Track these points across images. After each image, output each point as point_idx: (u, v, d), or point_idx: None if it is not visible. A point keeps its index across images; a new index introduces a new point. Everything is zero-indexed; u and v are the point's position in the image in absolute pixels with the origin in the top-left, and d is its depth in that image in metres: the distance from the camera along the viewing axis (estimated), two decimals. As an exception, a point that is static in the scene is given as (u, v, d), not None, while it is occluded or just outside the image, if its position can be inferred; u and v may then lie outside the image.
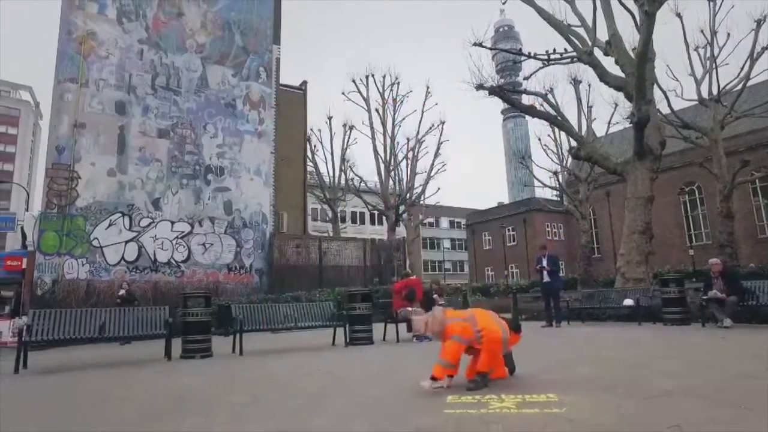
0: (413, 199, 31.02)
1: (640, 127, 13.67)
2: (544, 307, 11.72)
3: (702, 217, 35.61)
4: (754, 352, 5.63)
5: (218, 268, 17.60)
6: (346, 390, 4.32)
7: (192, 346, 7.13)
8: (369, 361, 6.40)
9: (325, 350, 7.93)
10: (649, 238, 14.36)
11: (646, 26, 12.53)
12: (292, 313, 8.54)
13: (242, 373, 5.62)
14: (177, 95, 17.74)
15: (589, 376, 4.39)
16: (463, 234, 62.25)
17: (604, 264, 38.89)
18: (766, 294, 8.78)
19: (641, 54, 12.87)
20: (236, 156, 18.64)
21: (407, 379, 4.77)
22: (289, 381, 4.92)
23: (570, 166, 31.19)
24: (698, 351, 5.84)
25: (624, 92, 15.68)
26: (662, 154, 15.21)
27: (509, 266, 46.07)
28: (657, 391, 3.51)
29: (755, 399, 3.22)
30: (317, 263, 18.82)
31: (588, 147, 16.42)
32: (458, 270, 64.31)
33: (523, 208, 47.28)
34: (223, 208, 18.08)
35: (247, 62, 19.45)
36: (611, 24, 15.56)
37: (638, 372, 4.50)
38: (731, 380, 3.96)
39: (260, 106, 19.48)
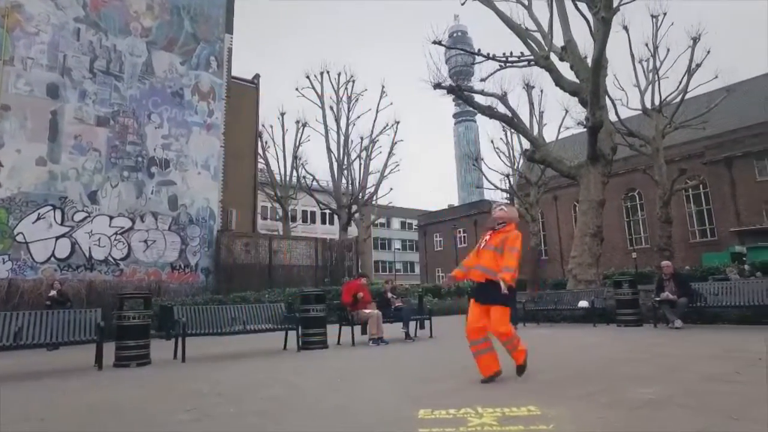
0: (366, 199, 30.69)
1: (594, 131, 13.93)
2: (500, 308, 11.64)
3: (642, 222, 37.31)
4: (712, 353, 5.64)
5: (161, 267, 16.54)
6: (304, 401, 3.88)
7: (127, 352, 6.42)
8: (325, 367, 5.97)
9: (277, 355, 7.41)
10: (600, 240, 14.66)
11: (602, 33, 12.75)
12: (240, 315, 7.96)
13: (185, 384, 5.04)
14: (119, 81, 16.50)
15: (563, 383, 4.17)
16: (414, 235, 62.58)
17: (551, 266, 40.04)
18: (713, 296, 9.05)
19: (597, 60, 13.09)
20: (183, 148, 17.59)
21: (369, 387, 4.40)
22: (239, 392, 4.41)
23: (521, 169, 31.82)
24: (659, 353, 5.80)
25: (578, 97, 15.97)
26: (613, 160, 15.62)
27: (460, 267, 46.58)
28: (639, 401, 3.31)
29: (737, 406, 3.09)
30: (267, 262, 18.07)
31: (542, 150, 16.64)
32: (409, 271, 64.59)
33: (474, 210, 47.96)
34: (167, 202, 17.01)
35: (197, 50, 18.43)
36: (567, 30, 15.83)
37: (610, 377, 4.33)
38: (705, 385, 3.84)
39: (210, 97, 18.52)
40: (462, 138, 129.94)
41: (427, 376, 4.96)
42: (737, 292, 8.88)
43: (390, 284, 10.19)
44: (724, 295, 8.94)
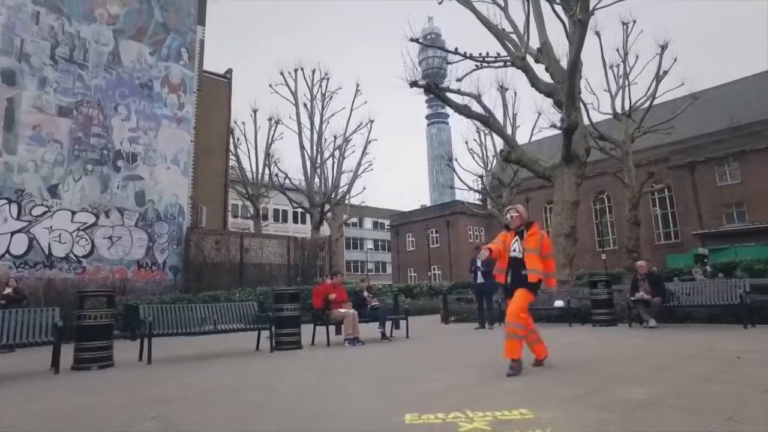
0: (338, 198, 30.42)
1: (569, 133, 14.03)
2: (477, 308, 11.58)
3: (610, 224, 38.14)
4: (692, 352, 5.63)
5: (127, 265, 15.88)
6: (280, 407, 3.63)
7: (88, 354, 6.00)
8: (301, 369, 5.71)
9: (249, 357, 7.10)
10: (574, 241, 14.79)
11: (579, 35, 12.83)
12: (210, 314, 7.60)
13: (150, 388, 4.70)
14: (83, 70, 15.74)
15: (551, 384, 4.04)
16: (387, 235, 62.51)
17: (522, 267, 40.48)
18: (685, 296, 9.18)
19: (573, 62, 13.18)
20: (151, 142, 16.93)
21: (349, 390, 4.17)
22: (209, 397, 4.12)
23: (495, 171, 32.05)
24: (641, 352, 5.76)
25: (553, 99, 16.10)
26: (587, 162, 15.79)
27: (432, 267, 46.77)
28: (633, 402, 3.19)
29: (731, 406, 2.99)
30: (238, 261, 17.60)
31: (518, 150, 16.69)
32: (381, 271, 64.48)
33: (447, 211, 48.19)
34: (134, 198, 16.34)
35: (167, 41, 17.79)
36: (542, 32, 15.91)
37: (598, 377, 4.22)
38: (694, 384, 3.77)
39: (180, 90, 17.90)
40: (434, 139, 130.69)
41: (410, 377, 4.77)
42: (706, 292, 9.04)
43: (366, 283, 9.95)
44: (695, 295, 9.08)
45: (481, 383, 4.22)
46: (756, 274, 9.91)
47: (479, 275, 11.38)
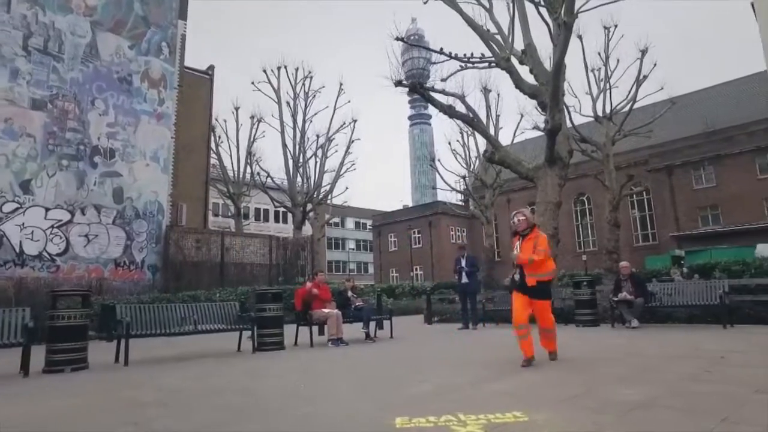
0: (321, 198, 30.20)
1: (553, 134, 14.09)
2: (461, 308, 11.54)
3: (591, 226, 38.65)
4: (677, 352, 5.65)
5: (104, 263, 15.46)
6: (264, 411, 3.50)
7: (60, 356, 5.75)
8: (285, 371, 5.56)
9: (231, 358, 6.92)
10: (556, 242, 14.85)
11: (564, 37, 12.88)
12: (190, 314, 7.40)
13: (127, 391, 4.51)
14: (58, 62, 15.26)
15: (542, 385, 3.98)
16: (368, 235, 62.39)
17: (503, 267, 40.76)
18: (666, 296, 9.28)
19: (558, 64, 13.22)
20: (130, 138, 16.52)
21: (336, 393, 4.05)
22: (190, 400, 3.96)
23: (477, 171, 32.16)
24: (627, 352, 5.77)
25: (537, 100, 16.15)
26: (569, 163, 15.90)
27: (414, 268, 46.81)
28: (626, 404, 3.14)
29: (724, 407, 2.96)
30: (218, 260, 17.29)
31: (502, 151, 16.71)
32: (362, 271, 64.31)
33: (429, 211, 48.25)
34: (112, 195, 15.91)
35: (147, 35, 17.38)
36: (527, 34, 15.96)
37: (587, 378, 4.18)
38: (684, 385, 3.74)
39: (161, 86, 17.52)
40: (417, 140, 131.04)
41: (397, 379, 4.67)
42: (687, 292, 9.16)
43: (351, 283, 9.83)
44: (676, 296, 9.20)
45: (471, 385, 4.14)
46: (734, 275, 10.05)
47: (464, 275, 11.36)
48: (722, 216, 31.79)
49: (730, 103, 36.94)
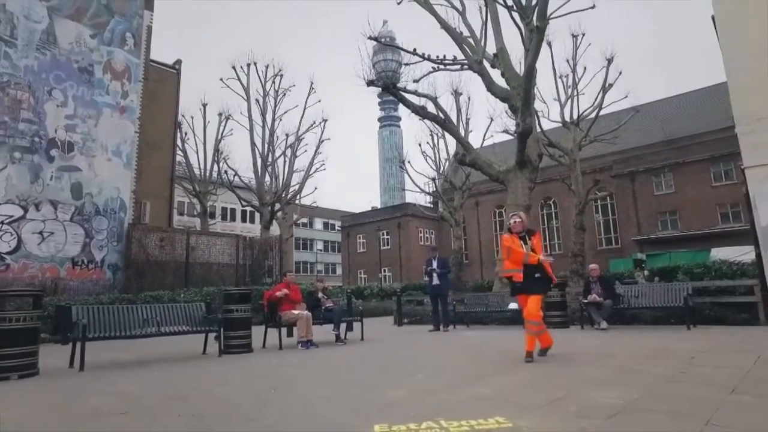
0: (289, 198, 29.78)
1: (524, 137, 14.24)
2: (432, 310, 11.47)
3: (557, 229, 39.45)
4: (648, 353, 5.69)
5: (60, 262, 14.69)
6: (233, 419, 3.28)
7: (6, 362, 5.29)
8: (253, 376, 5.33)
9: (196, 361, 6.62)
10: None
11: (536, 42, 13.04)
12: (153, 315, 7.05)
13: (81, 400, 4.18)
14: (10, 47, 14.36)
15: (521, 389, 3.91)
16: (336, 236, 62.05)
17: (471, 269, 41.23)
18: (633, 298, 9.46)
19: (530, 68, 13.37)
20: (91, 131, 15.77)
21: (309, 398, 3.87)
22: (152, 409, 3.70)
23: (447, 173, 32.32)
24: (601, 353, 5.79)
25: (508, 104, 16.35)
26: (539, 167, 16.12)
27: (383, 269, 46.76)
28: (609, 407, 3.08)
29: (709, 410, 2.93)
30: (183, 259, 16.71)
31: (473, 153, 16.82)
32: (330, 272, 63.84)
33: (399, 213, 48.30)
34: (70, 190, 15.14)
35: (110, 24, 16.64)
36: (499, 38, 16.12)
37: (566, 381, 4.13)
38: (662, 386, 3.72)
39: (125, 78, 16.81)
40: (386, 142, 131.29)
41: (372, 383, 4.52)
42: (653, 295, 9.38)
43: (322, 284, 9.62)
44: (642, 298, 9.40)
45: (448, 388, 4.02)
46: (696, 278, 10.34)
47: (435, 277, 11.29)
48: (680, 221, 32.99)
49: (688, 114, 38.42)
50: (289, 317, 8.17)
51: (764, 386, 3.69)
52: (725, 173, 31.48)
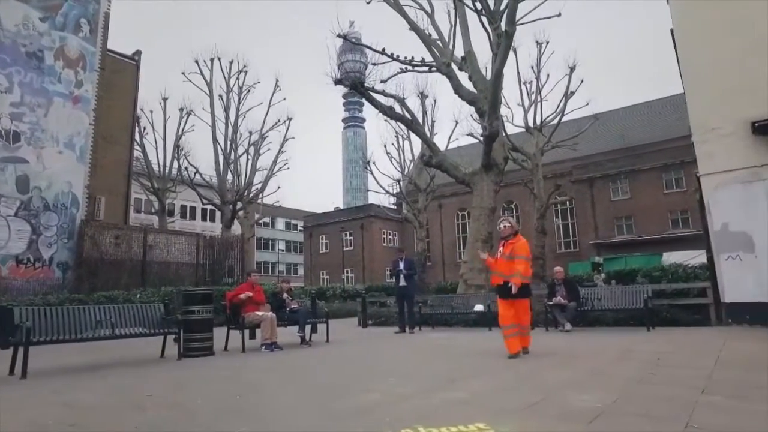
0: (252, 196, 29.19)
1: (491, 140, 14.37)
2: (398, 311, 11.38)
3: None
4: (616, 355, 5.76)
5: (2, 260, 13.79)
6: (195, 429, 3.06)
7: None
8: (216, 380, 5.07)
9: (154, 365, 6.27)
10: (490, 246, 15.14)
11: (504, 46, 13.16)
12: (107, 317, 6.64)
13: (24, 411, 3.80)
14: (-53, 28, 13.44)
15: (496, 393, 3.84)
16: (299, 236, 61.39)
17: (434, 271, 41.51)
18: (596, 300, 9.66)
19: (498, 71, 13.50)
20: (40, 121, 14.89)
21: (277, 405, 3.68)
22: (103, 419, 3.41)
23: (412, 175, 32.42)
24: (569, 355, 5.83)
25: (475, 107, 16.46)
26: (504, 170, 16.32)
27: (345, 270, 46.48)
28: (589, 411, 3.04)
29: (685, 412, 2.93)
30: (140, 258, 16.02)
31: (440, 155, 16.86)
32: (292, 273, 63.05)
33: (362, 214, 48.11)
34: (15, 183, 14.24)
35: (63, 8, 15.77)
36: (467, 41, 16.25)
37: (540, 384, 4.09)
38: (636, 388, 3.73)
39: (79, 66, 15.98)
40: (350, 143, 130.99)
41: (342, 388, 4.35)
42: (615, 297, 9.61)
43: (287, 284, 9.37)
44: (605, 300, 9.61)
45: (422, 393, 3.91)
46: (654, 281, 10.66)
47: (401, 278, 11.21)
48: (635, 226, 34.23)
49: (644, 123, 39.98)
50: (252, 319, 7.90)
51: (730, 386, 3.75)
52: (676, 181, 32.91)
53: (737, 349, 6.02)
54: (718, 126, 9.87)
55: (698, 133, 10.24)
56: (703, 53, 10.45)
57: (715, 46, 10.23)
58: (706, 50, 10.42)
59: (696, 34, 10.71)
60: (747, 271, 9.11)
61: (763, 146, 9.33)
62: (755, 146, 9.41)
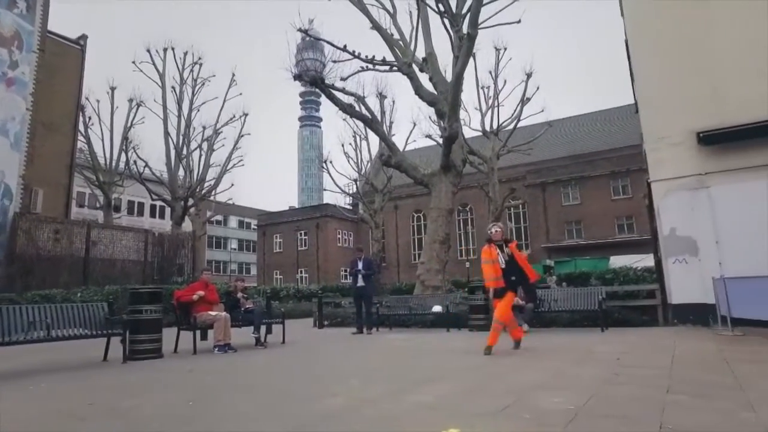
0: (204, 193, 28.22)
1: (451, 141, 14.43)
2: (356, 312, 11.18)
3: (471, 235, 40.86)
4: (576, 356, 5.80)
5: None
6: (144, 440, 2.77)
7: None
8: (165, 386, 4.70)
9: (95, 370, 5.79)
10: (447, 247, 15.22)
11: (466, 48, 13.24)
12: (42, 317, 6.10)
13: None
14: None
15: (465, 396, 3.72)
16: (252, 235, 60.14)
17: (389, 272, 41.53)
18: (553, 302, 9.81)
19: (459, 73, 13.58)
20: (-32, 104, 13.77)
21: (231, 414, 3.41)
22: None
23: (369, 175, 32.27)
24: (532, 357, 5.82)
25: (435, 108, 16.51)
26: (462, 172, 16.43)
27: (300, 270, 45.82)
28: (562, 413, 2.97)
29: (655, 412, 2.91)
30: (82, 255, 15.03)
31: (399, 155, 16.80)
32: (245, 272, 61.60)
33: (318, 213, 47.57)
34: (-62, 171, 13.09)
35: (-5, -18, 14.64)
36: (429, 43, 16.27)
37: (508, 387, 4.01)
38: (604, 390, 3.70)
39: (14, 45, 14.83)
40: (306, 142, 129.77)
41: (303, 393, 4.12)
42: (570, 299, 9.80)
43: (242, 284, 8.98)
44: (561, 302, 9.78)
45: (389, 396, 3.74)
46: (607, 283, 10.95)
47: (359, 278, 11.01)
48: (584, 230, 35.48)
49: (595, 131, 41.59)
50: (205, 319, 7.51)
51: (692, 386, 3.80)
52: (623, 188, 34.38)
53: (688, 348, 6.21)
54: (668, 135, 10.27)
55: (650, 141, 10.62)
56: (655, 65, 10.86)
57: (666, 59, 10.65)
58: (658, 62, 10.83)
59: (649, 47, 11.11)
60: (692, 273, 9.51)
61: (708, 156, 9.77)
62: (700, 156, 9.85)
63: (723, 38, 9.95)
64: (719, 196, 9.43)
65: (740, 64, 9.69)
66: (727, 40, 9.89)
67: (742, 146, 9.28)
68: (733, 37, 9.83)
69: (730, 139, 9.38)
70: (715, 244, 9.35)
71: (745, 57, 9.63)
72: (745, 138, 9.19)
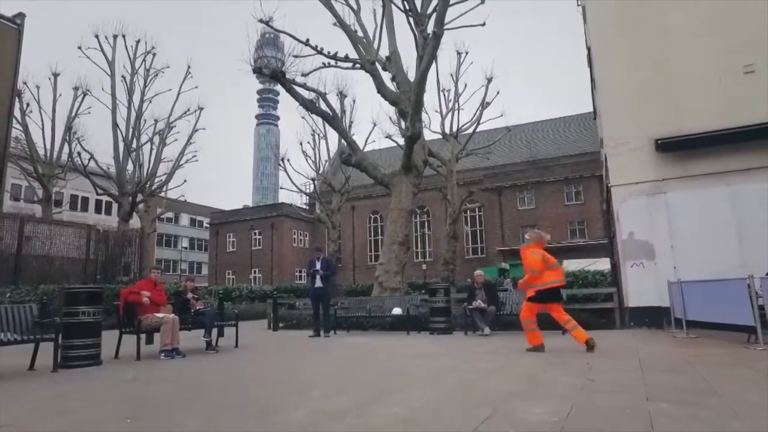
0: (154, 189, 26.91)
1: (413, 141, 14.23)
2: (313, 314, 10.74)
3: (428, 237, 41.02)
4: (545, 360, 5.66)
5: None
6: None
7: None
8: (101, 398, 4.18)
9: (18, 380, 5.14)
10: (406, 249, 15.01)
11: (431, 48, 13.07)
12: (-40, 320, 5.41)
13: None
14: None
15: (439, 407, 3.44)
16: (204, 233, 58.29)
17: (344, 273, 41.06)
18: (514, 305, 9.75)
19: (424, 73, 13.40)
20: None
21: (181, 429, 2.99)
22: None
23: (326, 175, 31.74)
24: (505, 362, 5.64)
25: (397, 107, 16.30)
26: (423, 173, 16.30)
27: (253, 270, 44.69)
28: (546, 425, 2.75)
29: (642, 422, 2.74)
30: (14, 251, 13.80)
31: (359, 154, 16.47)
32: (195, 271, 59.58)
33: (273, 212, 46.53)
34: None
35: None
36: (392, 41, 16.05)
37: (483, 396, 3.77)
38: (584, 399, 3.52)
39: (-60, 21, 13.54)
40: (262, 140, 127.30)
41: (261, 404, 3.73)
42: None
43: (192, 284, 8.42)
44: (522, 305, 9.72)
45: (357, 409, 3.42)
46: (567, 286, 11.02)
47: (318, 279, 10.59)
48: (538, 234, 36.22)
49: (551, 138, 42.71)
50: (151, 321, 6.93)
51: (669, 391, 3.70)
52: (576, 194, 35.39)
53: (650, 351, 6.22)
54: (628, 141, 10.45)
55: (610, 146, 10.77)
56: (617, 72, 11.04)
57: (627, 67, 10.84)
58: (619, 70, 11.01)
59: (611, 55, 11.30)
60: (648, 277, 9.69)
61: (666, 162, 10.00)
62: (659, 162, 10.07)
63: (681, 49, 10.23)
64: (675, 201, 9.66)
65: (698, 74, 9.98)
66: (685, 51, 10.17)
67: (698, 154, 9.54)
68: (691, 47, 10.11)
69: (686, 146, 9.63)
70: (671, 249, 9.57)
71: (703, 67, 9.92)
72: (701, 146, 9.45)
